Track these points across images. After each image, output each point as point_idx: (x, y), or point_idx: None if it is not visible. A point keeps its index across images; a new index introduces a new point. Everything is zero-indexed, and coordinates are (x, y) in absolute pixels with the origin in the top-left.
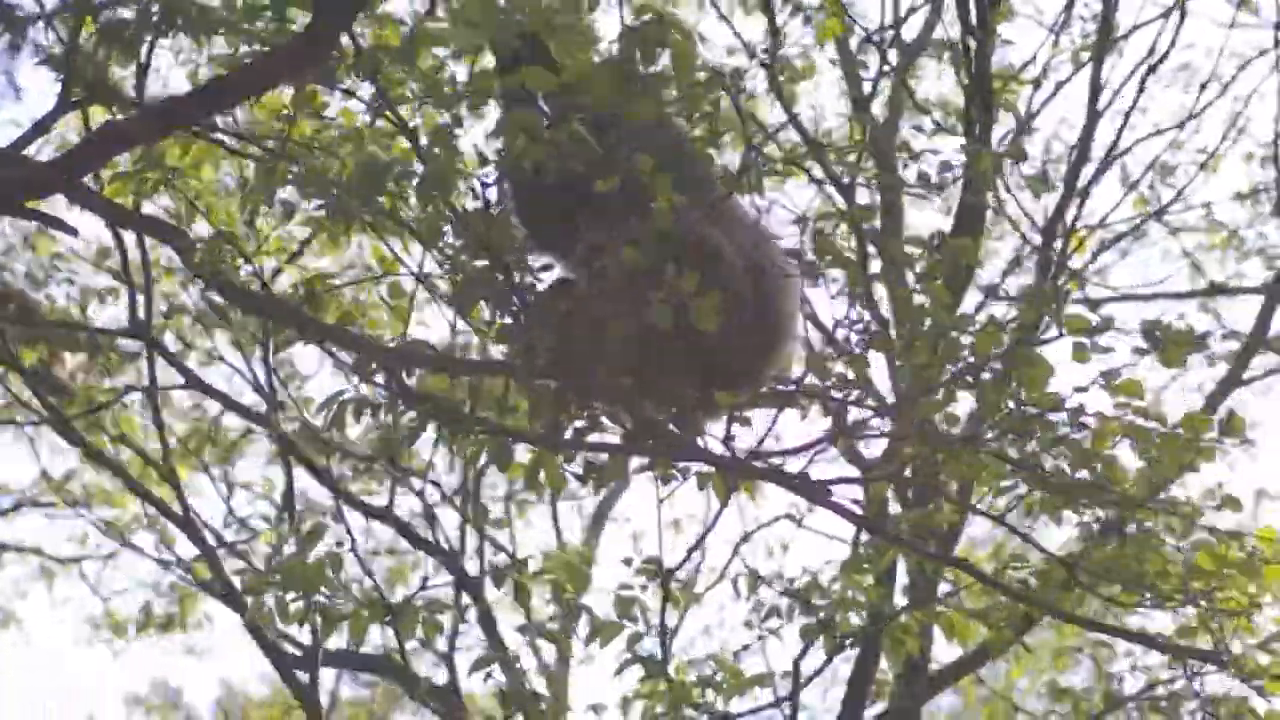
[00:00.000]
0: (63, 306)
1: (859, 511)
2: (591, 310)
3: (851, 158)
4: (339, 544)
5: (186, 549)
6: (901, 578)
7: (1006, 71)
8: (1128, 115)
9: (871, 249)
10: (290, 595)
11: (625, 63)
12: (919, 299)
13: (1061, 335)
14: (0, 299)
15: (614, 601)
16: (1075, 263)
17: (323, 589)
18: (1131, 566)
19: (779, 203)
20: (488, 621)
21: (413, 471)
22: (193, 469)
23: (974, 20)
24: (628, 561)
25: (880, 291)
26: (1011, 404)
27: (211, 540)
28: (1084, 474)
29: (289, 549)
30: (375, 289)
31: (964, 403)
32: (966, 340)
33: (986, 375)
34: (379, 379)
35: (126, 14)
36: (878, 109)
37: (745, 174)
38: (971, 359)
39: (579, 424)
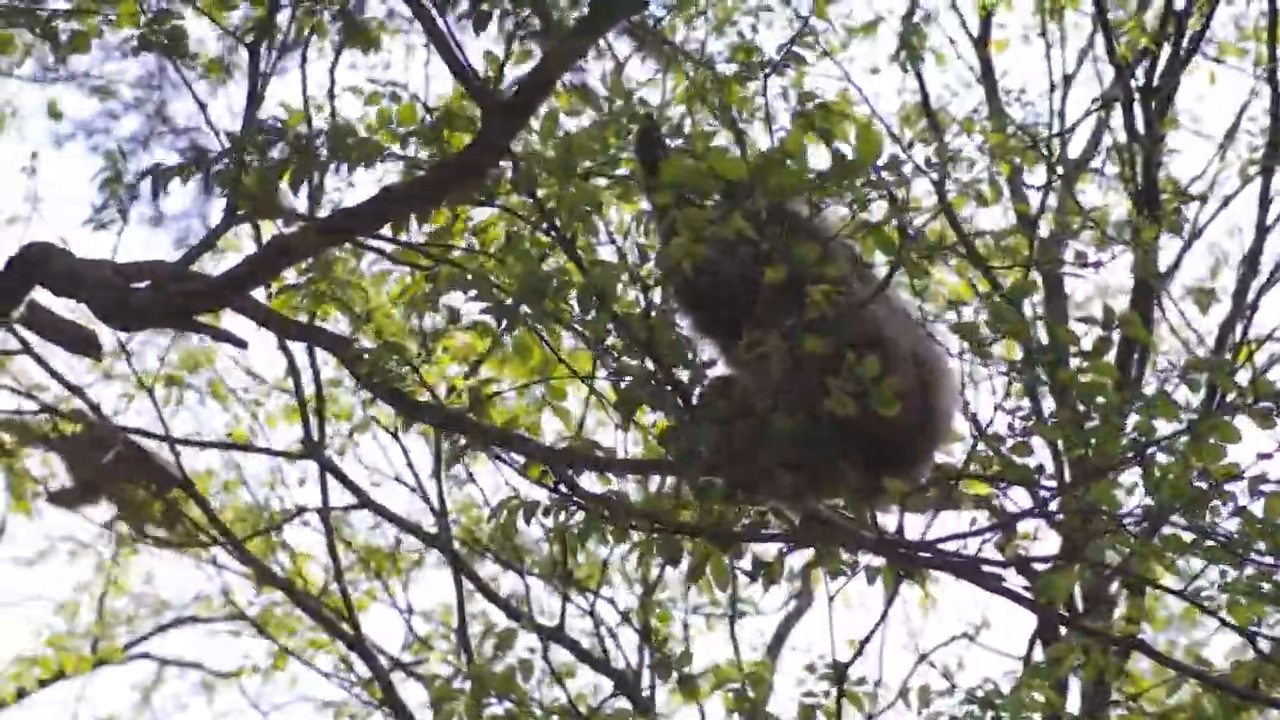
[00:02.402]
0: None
1: (1029, 597)
2: (755, 404)
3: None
4: (530, 650)
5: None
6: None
7: (1172, 183)
8: None
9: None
10: (482, 702)
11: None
12: (1085, 378)
13: (1246, 407)
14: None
15: (797, 709)
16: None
17: (512, 695)
18: None
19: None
20: None
21: (584, 588)
22: (368, 590)
23: (1141, 127)
24: (810, 668)
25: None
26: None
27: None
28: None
29: (484, 655)
30: (538, 392)
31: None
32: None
33: (1160, 454)
34: (547, 481)
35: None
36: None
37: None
38: (1141, 437)
39: (745, 520)
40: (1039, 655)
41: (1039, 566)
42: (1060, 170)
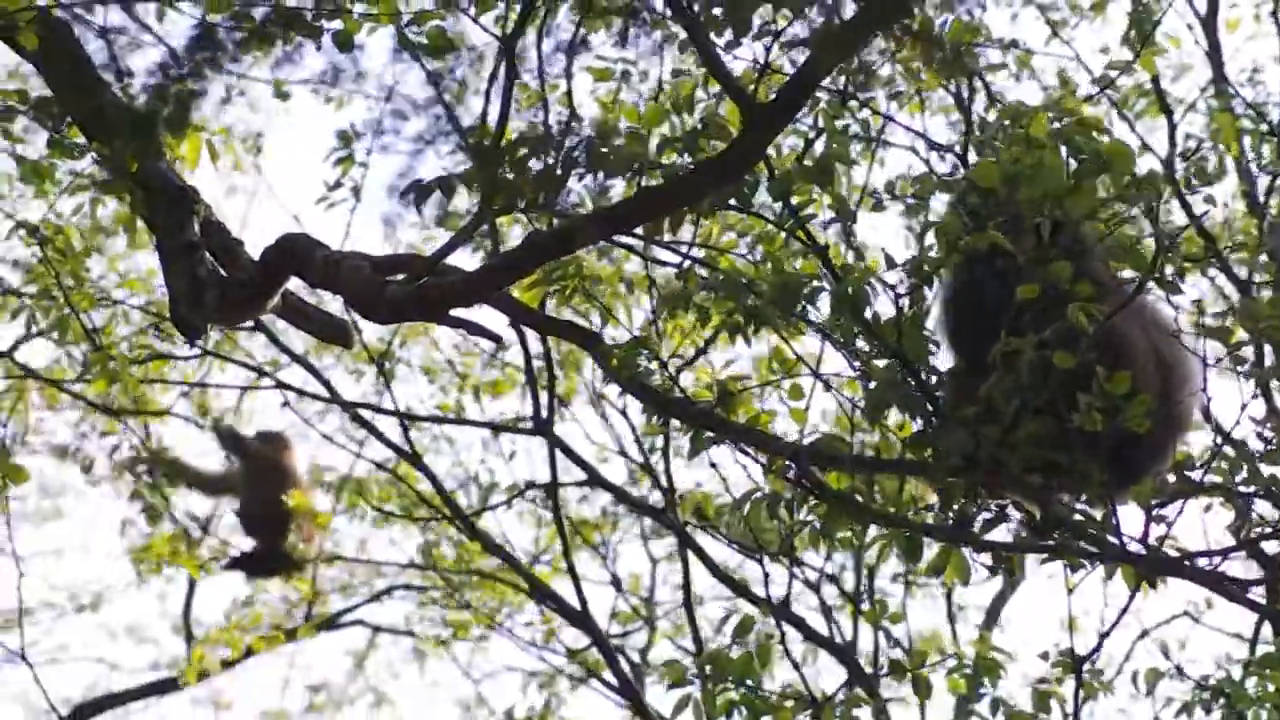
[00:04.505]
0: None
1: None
2: (1001, 408)
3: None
4: (769, 637)
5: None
6: None
7: None
8: None
9: None
10: (719, 687)
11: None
12: None
13: None
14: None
15: (1030, 695)
16: None
17: (748, 681)
18: None
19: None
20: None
21: (807, 564)
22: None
23: None
24: (1044, 655)
25: None
26: None
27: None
28: None
29: (722, 640)
30: (776, 391)
31: None
32: None
33: None
34: (789, 476)
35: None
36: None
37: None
38: None
39: (986, 515)
40: (1266, 634)
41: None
42: None
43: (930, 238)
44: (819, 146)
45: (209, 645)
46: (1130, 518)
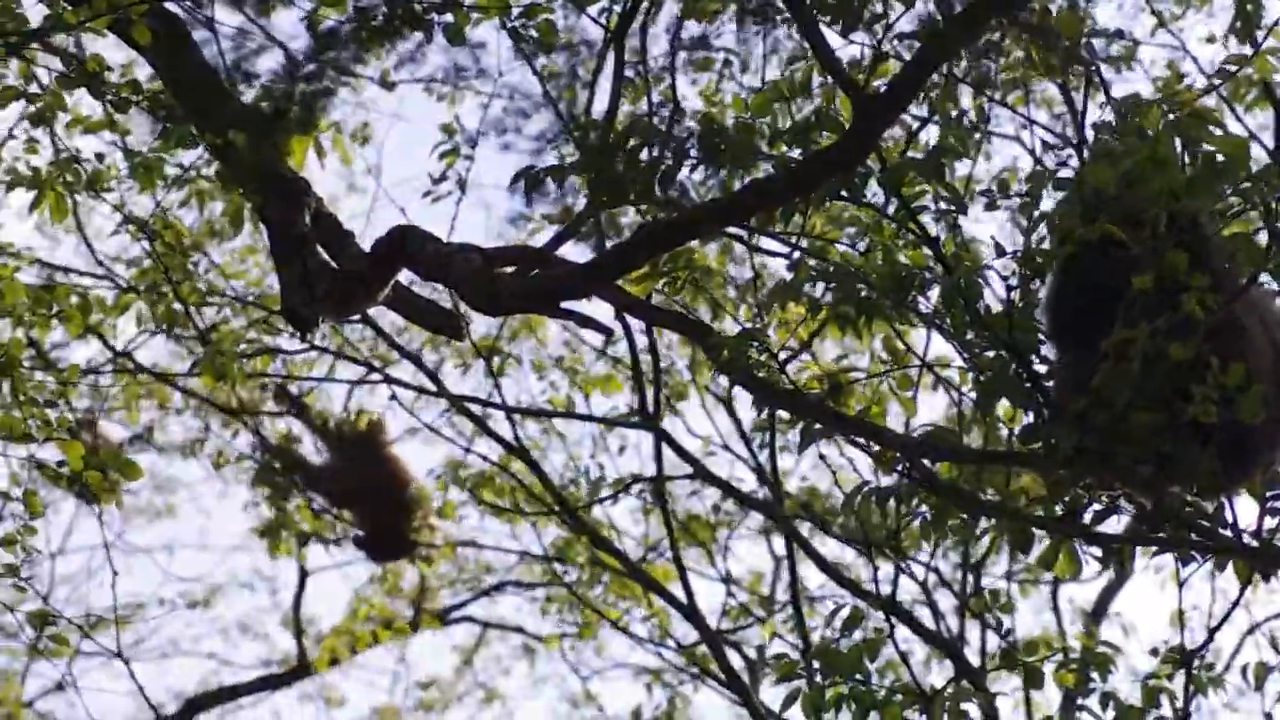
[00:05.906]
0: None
1: None
2: (1116, 399)
3: None
4: (877, 630)
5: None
6: None
7: None
8: None
9: None
10: (828, 681)
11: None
12: None
13: None
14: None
15: (1140, 690)
16: None
17: (858, 675)
18: None
19: None
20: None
21: (912, 558)
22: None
23: None
24: (1154, 652)
25: None
26: None
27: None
28: None
29: (830, 634)
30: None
31: None
32: None
33: None
34: (900, 468)
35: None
36: None
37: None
38: None
39: (1096, 506)
40: None
41: None
42: None
43: (1041, 229)
44: (925, 134)
45: (339, 636)
46: (1244, 510)
